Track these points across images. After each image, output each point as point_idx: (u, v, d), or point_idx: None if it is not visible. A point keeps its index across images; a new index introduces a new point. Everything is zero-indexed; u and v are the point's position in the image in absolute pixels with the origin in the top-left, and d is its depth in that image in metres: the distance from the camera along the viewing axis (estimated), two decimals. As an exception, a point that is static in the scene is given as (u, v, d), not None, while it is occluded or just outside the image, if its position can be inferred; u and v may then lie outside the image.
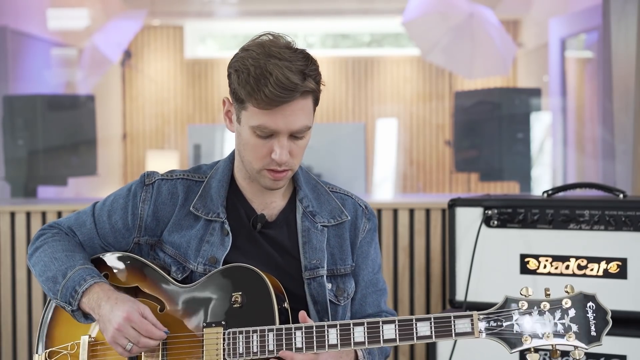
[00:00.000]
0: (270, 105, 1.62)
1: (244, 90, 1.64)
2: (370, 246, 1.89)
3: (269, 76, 1.60)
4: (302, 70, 1.63)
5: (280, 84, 1.60)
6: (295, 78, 1.61)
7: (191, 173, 1.86)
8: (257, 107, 1.63)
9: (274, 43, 1.66)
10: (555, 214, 2.41)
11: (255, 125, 1.65)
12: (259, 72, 1.61)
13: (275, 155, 1.67)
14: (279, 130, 1.66)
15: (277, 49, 1.64)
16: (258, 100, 1.62)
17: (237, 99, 1.68)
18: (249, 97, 1.64)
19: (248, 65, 1.63)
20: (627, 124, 3.50)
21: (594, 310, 1.55)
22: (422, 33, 5.47)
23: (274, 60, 1.62)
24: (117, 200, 1.84)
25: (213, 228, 1.78)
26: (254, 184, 1.79)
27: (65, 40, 6.86)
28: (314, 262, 1.78)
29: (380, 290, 1.90)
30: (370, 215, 1.90)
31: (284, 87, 1.60)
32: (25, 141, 4.60)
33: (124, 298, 1.68)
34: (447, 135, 7.73)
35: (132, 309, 1.65)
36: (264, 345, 1.64)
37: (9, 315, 3.44)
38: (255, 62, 1.62)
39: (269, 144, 1.68)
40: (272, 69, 1.61)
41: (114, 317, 1.64)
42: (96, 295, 1.69)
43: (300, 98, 1.64)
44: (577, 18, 5.83)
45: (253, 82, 1.61)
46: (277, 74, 1.60)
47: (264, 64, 1.61)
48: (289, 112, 1.64)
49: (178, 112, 8.23)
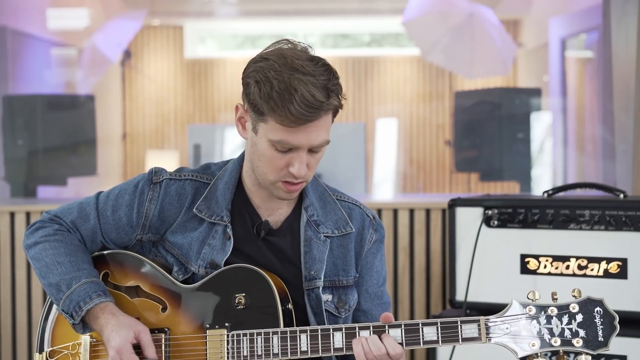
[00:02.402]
0: (294, 124, 1.59)
1: (266, 105, 1.59)
2: (375, 257, 1.85)
3: (294, 93, 1.56)
4: (325, 86, 1.59)
5: (306, 102, 1.56)
6: (320, 95, 1.58)
7: (200, 173, 1.82)
8: (280, 123, 1.60)
9: (295, 54, 1.62)
10: (555, 214, 2.41)
11: (276, 140, 1.62)
12: (283, 87, 1.57)
13: (293, 170, 1.65)
14: (300, 146, 1.63)
15: (300, 62, 1.59)
16: (282, 117, 1.58)
17: (257, 110, 1.63)
18: (271, 112, 1.59)
19: (270, 78, 1.58)
20: (627, 124, 3.50)
21: (602, 316, 1.54)
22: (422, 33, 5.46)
23: (298, 74, 1.57)
24: (122, 196, 1.80)
25: (216, 231, 1.76)
26: (262, 190, 1.76)
27: (65, 40, 6.86)
28: (312, 272, 1.75)
29: (385, 303, 1.86)
30: (377, 226, 1.85)
31: (309, 106, 1.57)
32: (25, 141, 4.59)
33: (121, 323, 1.66)
34: (447, 135, 7.72)
35: (125, 340, 1.64)
36: (269, 348, 1.63)
37: (9, 315, 3.44)
38: (278, 75, 1.58)
39: (287, 158, 1.65)
40: (297, 85, 1.56)
41: (109, 347, 1.65)
42: (99, 321, 1.68)
43: (323, 115, 1.61)
44: (577, 18, 5.83)
45: (277, 97, 1.57)
46: (303, 90, 1.56)
47: (288, 79, 1.57)
48: (311, 129, 1.61)
49: (178, 112, 8.22)
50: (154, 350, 1.67)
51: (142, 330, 1.67)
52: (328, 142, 1.66)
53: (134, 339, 1.65)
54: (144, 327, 1.68)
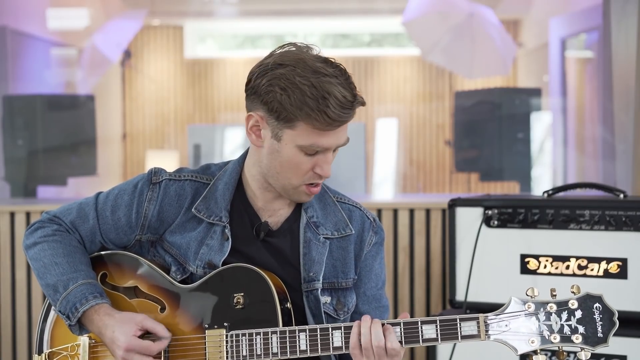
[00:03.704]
0: (330, 127, 1.61)
1: (299, 111, 1.59)
2: (374, 260, 1.84)
3: (328, 96, 1.57)
4: (349, 84, 1.62)
5: (341, 103, 1.58)
6: (349, 95, 1.60)
7: (199, 174, 1.81)
8: (314, 127, 1.60)
9: (310, 56, 1.63)
10: (555, 214, 2.41)
11: (307, 145, 1.63)
12: (315, 92, 1.57)
13: (321, 171, 1.67)
14: (330, 147, 1.65)
15: (319, 64, 1.61)
16: (319, 121, 1.59)
17: (283, 117, 1.62)
18: (306, 118, 1.59)
19: (299, 84, 1.58)
20: (627, 124, 3.50)
21: (601, 312, 1.54)
22: (422, 33, 5.46)
23: (324, 77, 1.59)
24: (121, 196, 1.79)
25: (214, 231, 1.75)
26: (265, 192, 1.76)
27: (65, 40, 6.86)
28: (311, 274, 1.74)
29: (383, 307, 1.85)
30: (377, 228, 1.85)
31: (344, 107, 1.59)
32: (25, 141, 4.59)
33: (120, 321, 1.66)
34: (447, 135, 7.73)
35: (130, 336, 1.63)
36: (268, 347, 1.63)
37: (9, 315, 3.44)
38: (305, 80, 1.58)
39: (314, 160, 1.66)
40: (328, 87, 1.58)
41: (117, 348, 1.64)
42: (96, 323, 1.68)
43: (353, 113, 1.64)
44: (577, 18, 5.83)
45: (312, 103, 1.58)
46: (336, 93, 1.58)
47: (317, 83, 1.58)
48: (340, 129, 1.65)
49: (178, 112, 8.22)
50: (164, 328, 1.67)
51: (143, 318, 1.67)
52: (349, 139, 1.70)
53: (137, 330, 1.65)
54: (142, 315, 1.68)
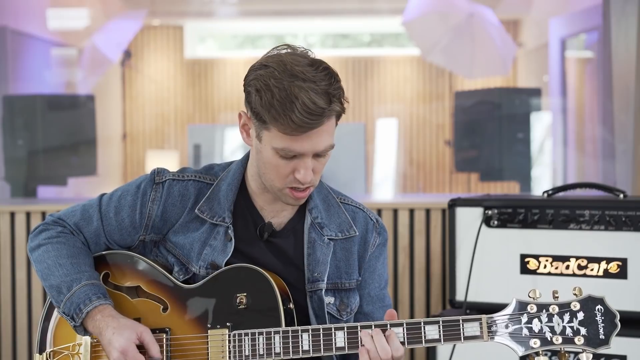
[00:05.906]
0: (297, 132, 1.58)
1: (267, 114, 1.58)
2: (378, 261, 1.84)
3: (295, 101, 1.54)
4: (326, 91, 1.57)
5: (307, 109, 1.55)
6: (322, 102, 1.56)
7: (203, 174, 1.81)
8: (283, 132, 1.59)
9: (294, 60, 1.60)
10: (555, 214, 2.41)
11: (280, 148, 1.61)
12: (283, 96, 1.55)
13: (299, 176, 1.64)
14: (304, 153, 1.62)
15: (300, 68, 1.58)
16: (284, 125, 1.57)
17: (259, 118, 1.62)
18: (273, 121, 1.58)
19: (271, 87, 1.57)
20: (627, 124, 3.50)
21: (603, 313, 1.54)
22: (422, 33, 5.46)
23: (298, 82, 1.56)
24: (124, 197, 1.80)
25: (217, 232, 1.75)
26: (267, 194, 1.75)
27: (65, 40, 6.86)
28: (315, 274, 1.75)
29: (387, 306, 1.85)
30: (381, 229, 1.85)
31: (311, 113, 1.55)
32: (25, 141, 4.60)
33: (122, 325, 1.66)
34: (447, 135, 7.73)
35: (129, 340, 1.64)
36: (270, 347, 1.63)
37: (9, 315, 3.44)
38: (278, 83, 1.56)
39: (292, 164, 1.64)
40: (297, 92, 1.55)
41: (112, 349, 1.64)
42: (98, 323, 1.68)
43: (326, 120, 1.60)
44: (577, 18, 5.83)
45: (278, 106, 1.56)
46: (304, 98, 1.54)
47: (289, 87, 1.55)
48: (314, 135, 1.60)
49: (178, 112, 8.22)
50: (158, 349, 1.67)
51: (144, 330, 1.67)
52: (332, 146, 1.65)
53: (136, 339, 1.65)
54: (145, 328, 1.68)
